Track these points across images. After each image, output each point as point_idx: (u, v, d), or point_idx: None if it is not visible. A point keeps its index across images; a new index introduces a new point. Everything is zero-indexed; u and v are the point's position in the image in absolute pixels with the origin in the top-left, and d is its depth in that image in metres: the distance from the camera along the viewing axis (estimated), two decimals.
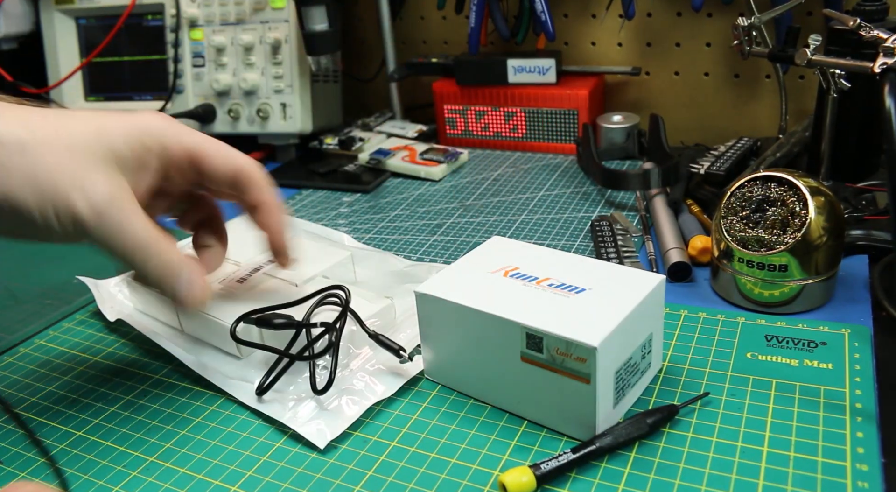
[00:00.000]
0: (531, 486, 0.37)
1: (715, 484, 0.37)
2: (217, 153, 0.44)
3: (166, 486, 0.40)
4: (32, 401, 0.48)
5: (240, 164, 0.45)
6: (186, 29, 0.89)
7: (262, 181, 0.46)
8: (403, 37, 1.01)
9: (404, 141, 0.89)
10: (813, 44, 0.56)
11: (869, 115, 0.61)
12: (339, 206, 0.76)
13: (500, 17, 0.86)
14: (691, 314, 0.51)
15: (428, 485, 0.39)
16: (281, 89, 0.87)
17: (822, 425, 0.40)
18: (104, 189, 0.38)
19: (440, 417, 0.44)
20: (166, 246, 0.41)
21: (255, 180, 0.46)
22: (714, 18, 0.82)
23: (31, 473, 0.42)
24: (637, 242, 0.62)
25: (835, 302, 0.51)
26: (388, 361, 0.48)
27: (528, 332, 0.40)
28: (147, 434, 0.44)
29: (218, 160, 0.44)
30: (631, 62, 0.88)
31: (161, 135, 0.42)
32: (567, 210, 0.70)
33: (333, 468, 0.40)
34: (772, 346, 0.47)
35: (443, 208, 0.73)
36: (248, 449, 0.43)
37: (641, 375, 0.43)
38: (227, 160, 0.45)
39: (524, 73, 0.85)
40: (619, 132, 0.82)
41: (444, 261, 0.62)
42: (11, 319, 0.58)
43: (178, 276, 0.42)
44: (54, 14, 0.94)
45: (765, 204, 0.50)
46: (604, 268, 0.45)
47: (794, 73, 0.80)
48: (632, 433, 0.39)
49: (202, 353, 0.51)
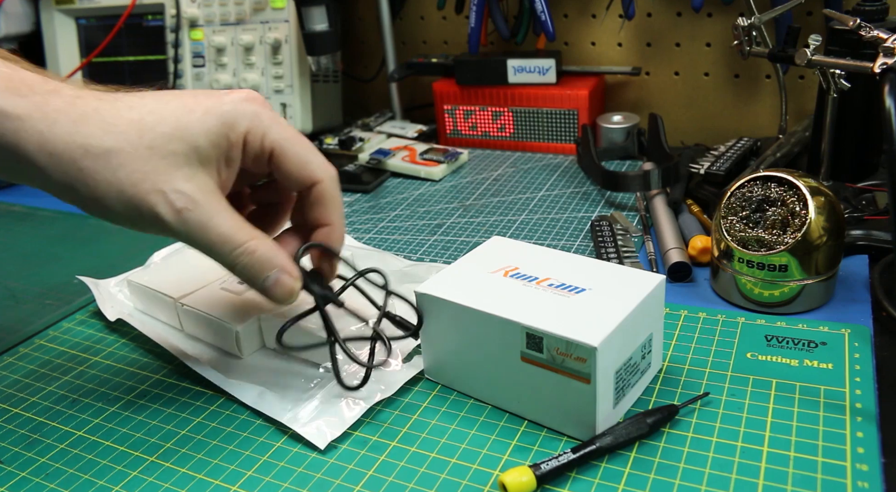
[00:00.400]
0: (531, 486, 0.37)
1: (715, 484, 0.37)
2: (296, 158, 0.41)
3: (166, 486, 0.40)
4: (32, 401, 0.48)
5: (315, 176, 0.42)
6: (186, 29, 0.89)
7: (335, 200, 0.43)
8: (403, 37, 1.01)
9: (404, 141, 0.89)
10: (813, 44, 0.56)
11: (869, 116, 0.61)
12: None
13: (500, 17, 0.86)
14: (691, 314, 0.51)
15: (428, 485, 0.39)
16: (281, 89, 0.87)
17: (822, 425, 0.40)
18: (186, 190, 0.38)
19: (440, 417, 0.44)
20: (254, 244, 0.40)
21: (328, 198, 0.43)
22: (714, 18, 0.82)
23: (31, 473, 0.42)
24: (637, 242, 0.62)
25: (835, 302, 0.51)
26: (390, 359, 0.48)
27: (529, 332, 0.40)
28: (147, 434, 0.44)
29: (293, 166, 0.41)
30: (631, 62, 0.88)
31: (246, 129, 0.40)
32: (567, 210, 0.70)
33: (333, 468, 0.40)
34: (772, 346, 0.47)
35: (443, 208, 0.73)
36: (248, 449, 0.43)
37: (641, 375, 0.43)
38: (303, 169, 0.42)
39: (524, 73, 0.85)
40: (619, 132, 0.82)
41: (444, 261, 0.62)
42: (11, 319, 0.58)
43: (265, 274, 0.41)
44: (54, 14, 0.94)
45: (765, 204, 0.50)
46: (604, 268, 0.45)
47: (794, 73, 0.80)
48: (632, 433, 0.39)
49: (202, 353, 0.51)
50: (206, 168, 0.39)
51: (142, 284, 0.55)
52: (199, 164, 0.39)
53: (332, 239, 0.44)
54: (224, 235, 0.39)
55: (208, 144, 0.39)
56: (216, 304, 0.51)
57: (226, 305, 0.51)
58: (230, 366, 0.49)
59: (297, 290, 0.42)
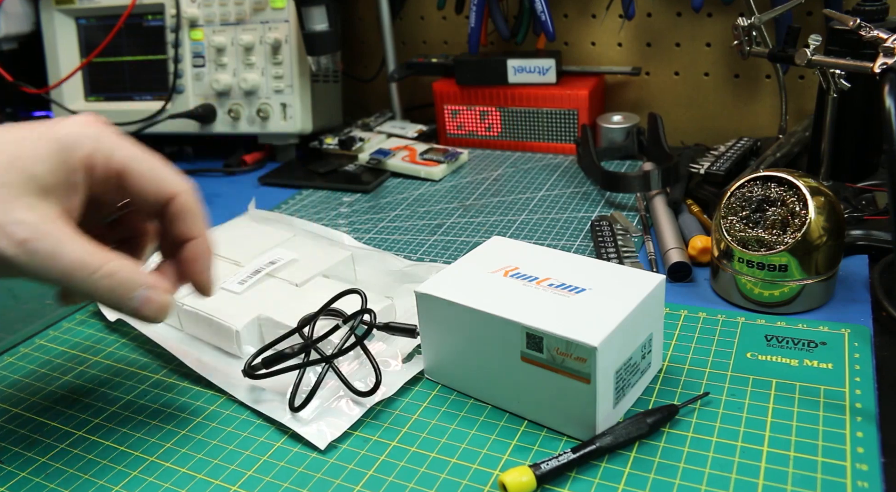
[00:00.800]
0: (531, 486, 0.37)
1: (715, 484, 0.37)
2: (148, 173, 0.39)
3: (166, 486, 0.40)
4: (32, 401, 0.48)
5: (171, 189, 0.40)
6: (186, 29, 0.89)
7: (196, 212, 0.41)
8: (403, 37, 1.01)
9: (404, 141, 0.89)
10: (813, 44, 0.56)
11: (869, 115, 0.61)
12: (339, 206, 0.76)
13: (500, 17, 0.86)
14: (691, 314, 0.51)
15: (428, 485, 0.39)
16: (281, 89, 0.87)
17: (822, 425, 0.40)
18: (27, 219, 0.35)
19: (440, 417, 0.44)
20: (114, 266, 0.37)
21: (188, 210, 0.41)
22: (714, 18, 0.82)
23: (31, 473, 0.42)
24: (637, 242, 0.62)
25: (835, 302, 0.51)
26: (390, 359, 0.48)
27: (529, 332, 0.40)
28: (147, 434, 0.44)
29: (147, 182, 0.39)
30: (631, 62, 0.88)
31: (87, 152, 0.38)
32: (567, 210, 0.70)
33: (333, 468, 0.40)
34: (772, 346, 0.47)
35: (443, 208, 0.73)
36: (248, 449, 0.43)
37: (641, 375, 0.43)
38: (158, 184, 0.40)
39: (524, 73, 0.85)
40: (619, 132, 0.82)
41: (444, 261, 0.62)
42: (11, 319, 0.58)
43: (131, 295, 0.38)
44: (54, 14, 0.94)
45: (765, 204, 0.50)
46: (604, 268, 0.45)
47: (794, 73, 0.80)
48: (632, 433, 0.39)
49: (202, 353, 0.51)
50: (48, 196, 0.37)
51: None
52: (39, 192, 0.36)
53: (200, 251, 0.42)
54: (78, 261, 0.36)
55: (46, 171, 0.36)
56: (216, 304, 0.51)
57: (226, 305, 0.51)
58: (230, 366, 0.49)
59: (169, 304, 0.40)
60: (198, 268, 0.42)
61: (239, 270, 0.56)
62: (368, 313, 0.47)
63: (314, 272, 0.55)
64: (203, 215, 0.42)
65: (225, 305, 0.51)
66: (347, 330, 0.46)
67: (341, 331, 0.46)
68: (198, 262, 0.42)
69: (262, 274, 0.55)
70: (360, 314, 0.46)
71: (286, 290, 0.53)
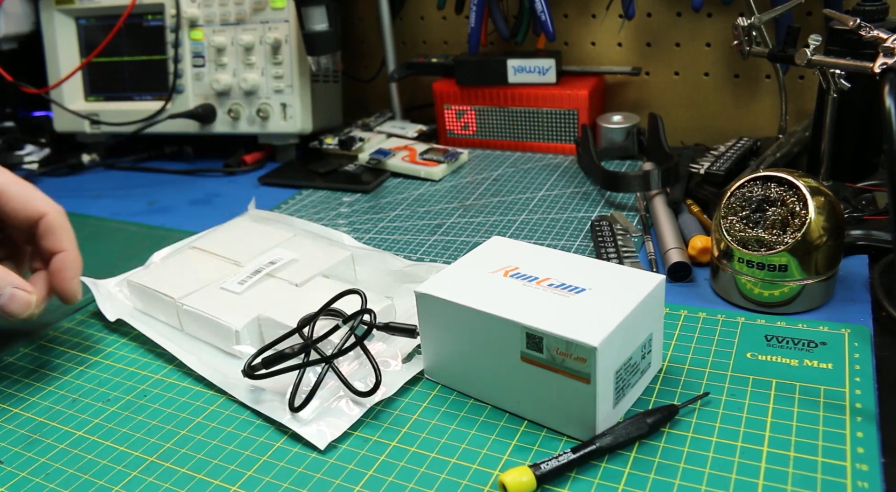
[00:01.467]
0: (531, 486, 0.37)
1: (715, 484, 0.37)
2: (18, 196, 0.44)
3: (166, 486, 0.40)
4: (32, 401, 0.48)
5: (40, 209, 0.45)
6: (186, 29, 0.89)
7: (64, 229, 0.46)
8: (403, 37, 1.01)
9: (404, 141, 0.89)
10: (813, 44, 0.56)
11: (869, 115, 0.61)
12: (339, 206, 0.76)
13: (500, 17, 0.86)
14: (691, 314, 0.51)
15: (428, 485, 0.39)
16: (281, 89, 0.87)
17: (822, 425, 0.40)
18: None
19: (440, 417, 0.44)
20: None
21: (57, 227, 0.45)
22: (714, 18, 0.82)
23: (31, 473, 0.42)
24: (637, 242, 0.62)
25: (835, 302, 0.51)
26: (390, 359, 0.48)
27: (528, 332, 0.40)
28: (147, 434, 0.44)
29: (17, 204, 0.44)
30: (631, 62, 0.88)
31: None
32: (567, 210, 0.70)
33: (333, 468, 0.40)
34: (772, 346, 0.47)
35: (443, 208, 0.73)
36: (248, 449, 0.43)
37: (641, 375, 0.43)
38: (27, 205, 0.44)
39: (524, 73, 0.85)
40: (619, 132, 0.82)
41: (444, 261, 0.62)
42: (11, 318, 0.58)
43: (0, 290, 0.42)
44: (54, 14, 0.94)
45: (765, 204, 0.50)
46: (604, 268, 0.45)
47: (794, 73, 0.80)
48: (632, 433, 0.39)
49: (202, 353, 0.51)
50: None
51: (142, 284, 0.55)
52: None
53: (69, 261, 0.46)
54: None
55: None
56: (216, 304, 0.51)
57: (226, 305, 0.51)
58: (230, 366, 0.49)
59: (34, 302, 0.44)
60: (65, 276, 0.47)
61: (239, 270, 0.56)
62: (368, 313, 0.47)
63: (314, 272, 0.55)
64: (70, 232, 0.47)
65: (225, 305, 0.51)
66: (347, 330, 0.46)
67: (341, 331, 0.46)
68: (65, 271, 0.47)
69: (262, 274, 0.55)
70: (359, 314, 0.46)
71: (286, 290, 0.53)
